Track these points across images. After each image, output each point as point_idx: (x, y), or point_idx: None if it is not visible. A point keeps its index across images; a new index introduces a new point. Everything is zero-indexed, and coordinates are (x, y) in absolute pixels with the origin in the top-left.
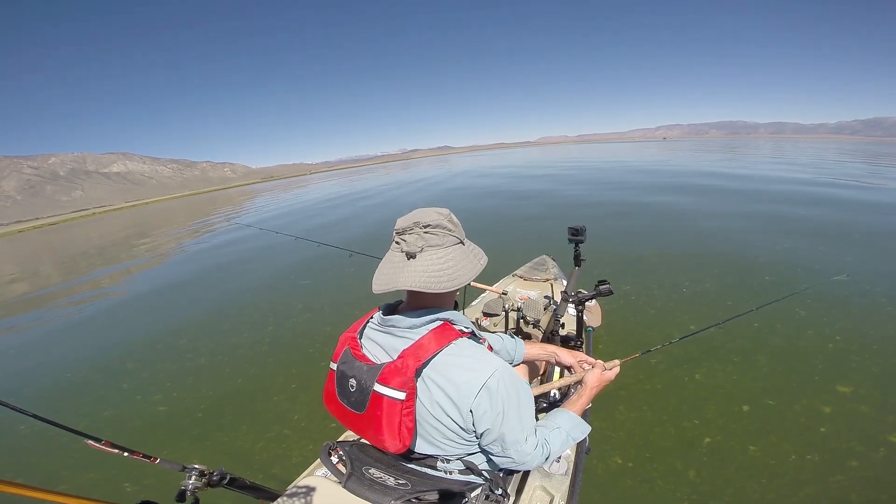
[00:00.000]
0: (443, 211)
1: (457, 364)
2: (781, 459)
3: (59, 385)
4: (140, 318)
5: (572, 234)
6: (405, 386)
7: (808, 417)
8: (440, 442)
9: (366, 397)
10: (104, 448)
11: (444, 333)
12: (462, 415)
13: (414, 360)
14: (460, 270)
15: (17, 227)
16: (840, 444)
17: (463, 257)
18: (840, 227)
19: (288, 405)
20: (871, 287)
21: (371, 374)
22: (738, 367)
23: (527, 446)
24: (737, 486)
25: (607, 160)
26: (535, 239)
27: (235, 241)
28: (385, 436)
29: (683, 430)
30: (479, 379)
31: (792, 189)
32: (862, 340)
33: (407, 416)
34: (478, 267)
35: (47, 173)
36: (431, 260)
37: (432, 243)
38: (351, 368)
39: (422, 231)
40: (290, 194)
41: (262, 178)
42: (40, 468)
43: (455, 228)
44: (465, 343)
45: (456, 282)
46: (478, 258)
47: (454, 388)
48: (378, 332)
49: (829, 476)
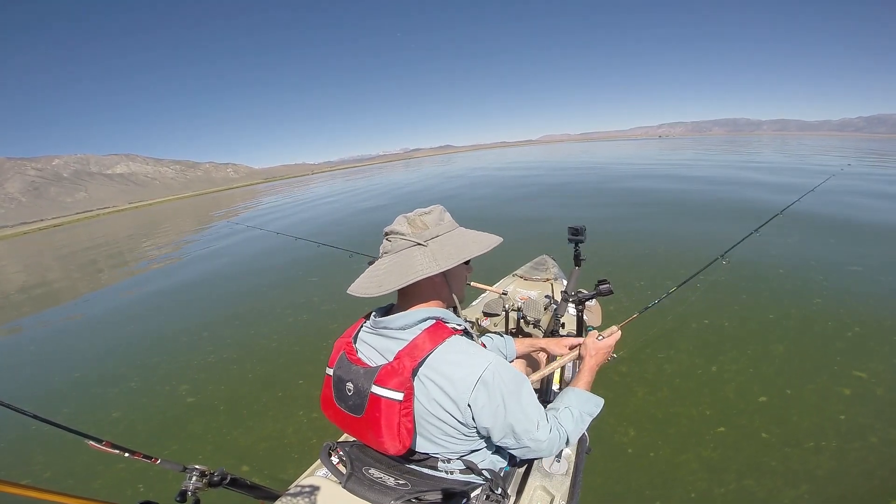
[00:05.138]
0: (416, 211)
1: (452, 361)
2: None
3: (63, 385)
4: (143, 319)
5: (572, 233)
6: (402, 386)
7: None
8: (441, 440)
9: (363, 400)
10: (105, 448)
11: (438, 332)
12: (461, 410)
13: (410, 360)
14: (391, 275)
15: (21, 228)
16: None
17: (400, 262)
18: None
19: (289, 405)
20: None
21: (368, 377)
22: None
23: (539, 433)
24: (755, 465)
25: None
26: (534, 238)
27: (238, 242)
28: (384, 438)
29: (702, 412)
30: (475, 373)
31: (793, 184)
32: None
33: (406, 417)
34: (416, 268)
35: (51, 175)
36: (376, 266)
37: (387, 249)
38: (347, 372)
39: (384, 238)
40: (293, 195)
41: (265, 178)
42: (40, 468)
43: (411, 231)
44: (459, 340)
45: (382, 288)
46: (430, 259)
47: (451, 385)
48: (371, 334)
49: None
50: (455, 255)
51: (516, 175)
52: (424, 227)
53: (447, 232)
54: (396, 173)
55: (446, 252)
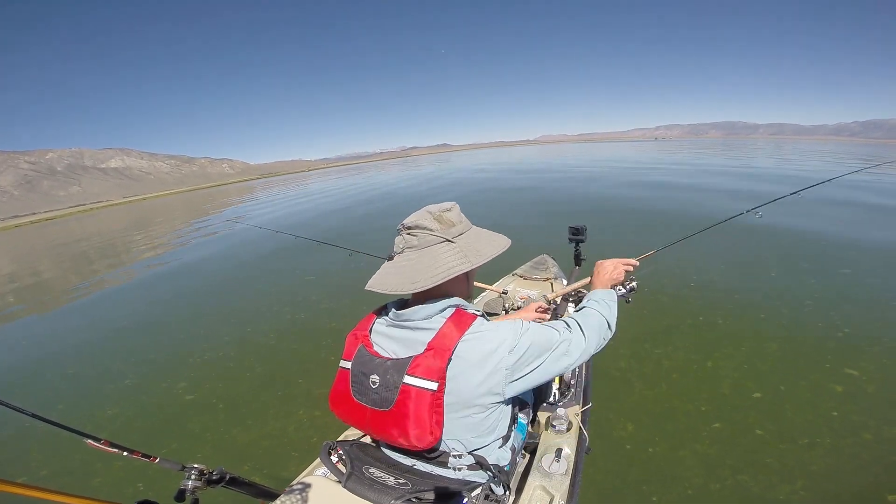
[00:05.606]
0: (435, 207)
1: (481, 341)
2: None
3: (57, 381)
4: (138, 315)
5: (573, 233)
6: (436, 375)
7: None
8: (462, 433)
9: (393, 393)
10: (103, 447)
11: (462, 319)
12: (496, 378)
13: (442, 349)
14: (424, 271)
15: (13, 222)
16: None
17: (431, 258)
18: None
19: (289, 403)
20: (874, 279)
21: (398, 368)
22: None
23: (561, 336)
24: (750, 460)
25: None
26: (534, 238)
27: (234, 238)
28: (413, 430)
29: (697, 407)
30: (506, 343)
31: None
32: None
33: (437, 408)
34: (448, 265)
35: (44, 168)
36: (399, 261)
37: (411, 244)
38: (370, 366)
39: (405, 233)
40: (289, 191)
41: (261, 174)
42: (41, 468)
43: (439, 227)
44: (482, 321)
45: (418, 284)
46: (461, 256)
47: (483, 359)
48: (392, 327)
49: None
50: (485, 253)
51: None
52: (451, 224)
53: (468, 230)
54: (394, 171)
55: (474, 249)
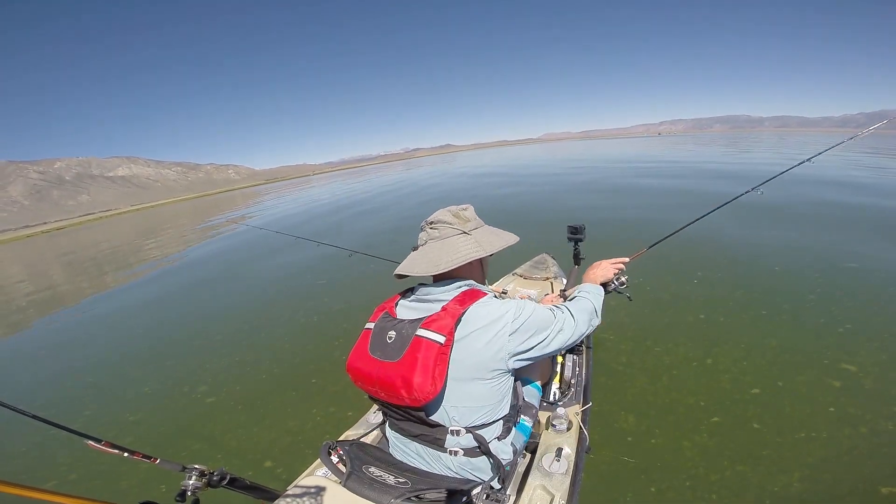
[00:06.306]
0: (454, 207)
1: (488, 308)
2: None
3: (78, 391)
4: (151, 322)
5: (571, 232)
6: (445, 330)
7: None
8: (461, 401)
9: (405, 343)
10: (104, 448)
11: (474, 294)
12: (499, 343)
13: (454, 311)
14: (445, 256)
15: (25, 232)
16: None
17: (451, 246)
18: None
19: (307, 403)
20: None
21: (413, 324)
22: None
23: (556, 316)
24: (748, 452)
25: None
26: (534, 237)
27: (242, 243)
28: (417, 377)
29: (697, 401)
30: (510, 312)
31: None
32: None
33: (442, 361)
34: (465, 252)
35: (53, 178)
36: (425, 250)
37: (433, 236)
38: (391, 324)
39: (428, 227)
40: (294, 195)
41: (266, 179)
42: (41, 468)
43: (457, 222)
44: (491, 296)
45: (440, 266)
46: (476, 245)
47: (488, 324)
48: (414, 302)
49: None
50: (497, 243)
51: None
52: (467, 220)
53: (481, 226)
54: (395, 173)
55: (487, 241)
